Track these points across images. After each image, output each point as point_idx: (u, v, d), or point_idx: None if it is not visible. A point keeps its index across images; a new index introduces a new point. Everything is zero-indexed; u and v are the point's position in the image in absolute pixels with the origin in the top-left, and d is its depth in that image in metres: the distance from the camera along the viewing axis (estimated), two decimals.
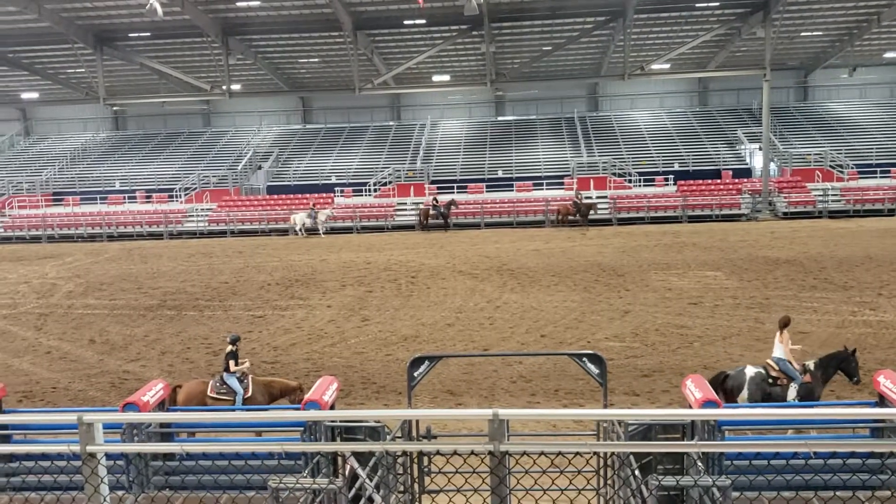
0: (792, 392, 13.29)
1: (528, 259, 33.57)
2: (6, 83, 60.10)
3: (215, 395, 13.84)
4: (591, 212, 45.83)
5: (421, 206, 48.10)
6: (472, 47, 51.94)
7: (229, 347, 14.24)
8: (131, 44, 49.77)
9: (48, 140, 67.98)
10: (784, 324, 14.01)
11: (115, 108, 67.72)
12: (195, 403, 13.66)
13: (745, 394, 13.27)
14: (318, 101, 67.76)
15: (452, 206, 47.36)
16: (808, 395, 13.34)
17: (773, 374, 13.45)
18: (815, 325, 20.70)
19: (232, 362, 14.09)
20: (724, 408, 10.83)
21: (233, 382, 13.96)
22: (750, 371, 13.45)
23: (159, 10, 37.28)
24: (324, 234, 47.07)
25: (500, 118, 65.57)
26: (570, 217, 45.58)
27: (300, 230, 47.11)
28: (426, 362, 10.63)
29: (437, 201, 47.66)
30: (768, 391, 13.29)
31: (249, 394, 13.97)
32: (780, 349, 13.71)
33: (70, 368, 19.41)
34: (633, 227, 44.67)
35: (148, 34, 47.93)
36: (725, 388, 13.45)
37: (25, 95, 60.93)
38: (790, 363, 13.49)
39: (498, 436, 4.32)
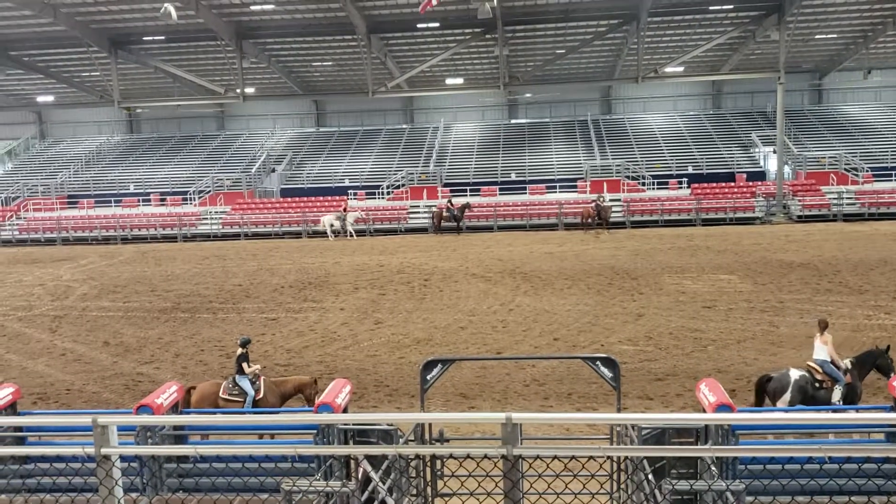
0: (836, 394, 13.25)
1: (541, 262, 33.53)
2: (22, 87, 60.49)
3: (227, 397, 14.09)
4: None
5: (435, 209, 48.02)
6: (486, 50, 51.94)
7: (240, 350, 14.48)
8: (146, 47, 49.99)
9: (63, 143, 68.33)
10: (825, 326, 14.04)
11: (129, 112, 67.97)
12: (207, 405, 13.93)
13: (787, 397, 13.14)
14: (332, 105, 67.90)
15: (467, 209, 46.97)
16: (851, 395, 13.32)
17: (819, 377, 13.35)
18: (830, 328, 20.57)
19: (245, 364, 14.32)
20: (738, 412, 10.78)
21: (245, 384, 14.19)
22: (794, 374, 13.35)
23: (173, 13, 37.44)
24: (351, 237, 46.36)
25: (513, 121, 65.56)
26: (591, 220, 44.91)
27: (331, 233, 46.50)
28: (439, 365, 10.63)
29: (451, 204, 47.21)
30: (812, 394, 13.18)
31: (261, 395, 14.18)
32: (822, 351, 13.63)
33: (84, 370, 19.49)
34: (647, 230, 44.54)
35: (162, 38, 48.15)
36: (767, 391, 13.39)
37: (41, 99, 61.31)
38: (834, 365, 13.44)
39: (511, 440, 4.32)
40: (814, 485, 6.56)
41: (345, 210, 47.60)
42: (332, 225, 46.45)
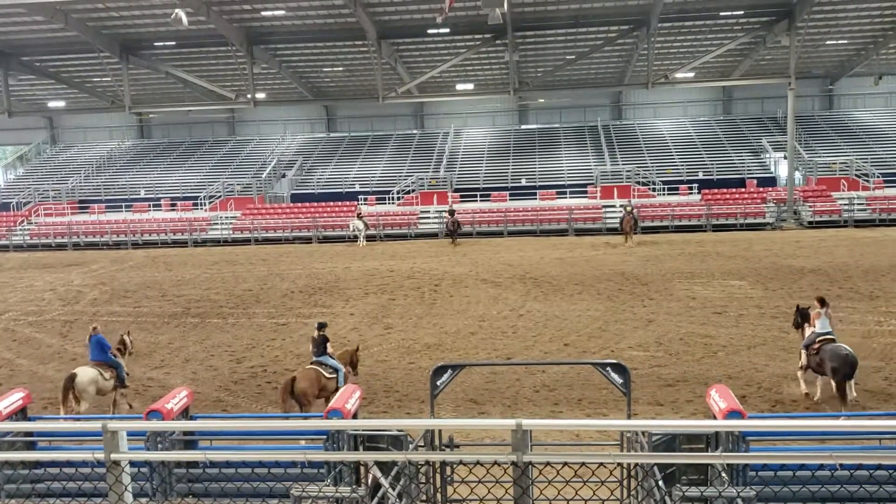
0: None
1: (551, 267, 33.50)
2: (33, 92, 60.78)
3: (328, 375, 15.45)
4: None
5: (446, 216, 47.58)
6: (496, 56, 51.93)
7: (319, 333, 16.07)
8: (157, 53, 50.17)
9: (74, 148, 68.61)
10: (825, 302, 15.93)
11: (140, 117, 68.22)
12: (316, 388, 15.11)
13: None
14: (342, 110, 68.00)
15: (453, 216, 45.04)
16: None
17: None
18: (841, 334, 20.46)
19: (329, 345, 15.98)
20: (748, 418, 10.74)
21: (332, 362, 15.79)
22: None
23: (184, 19, 37.55)
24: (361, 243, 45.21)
25: (523, 126, 65.55)
26: (630, 229, 40.68)
27: (362, 238, 45.50)
28: (449, 371, 10.61)
29: (450, 216, 45.27)
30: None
31: (343, 369, 16.01)
32: (827, 323, 15.63)
33: None
34: (657, 235, 44.43)
35: (173, 43, 48.32)
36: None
37: (52, 104, 61.62)
38: None
39: (521, 446, 4.31)
40: (825, 492, 6.54)
41: (359, 216, 46.61)
42: (358, 230, 45.37)
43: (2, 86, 50.01)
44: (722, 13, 45.27)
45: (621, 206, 45.12)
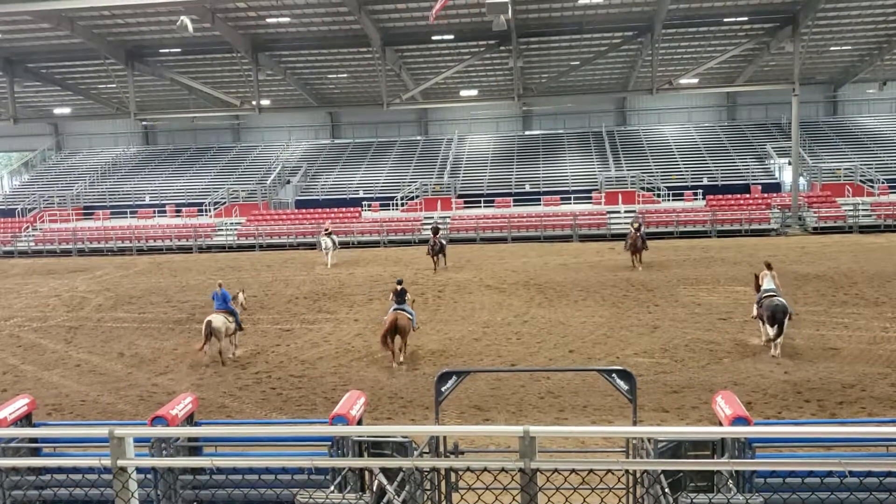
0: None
1: (555, 273, 33.47)
2: (39, 99, 60.90)
3: (409, 317, 20.22)
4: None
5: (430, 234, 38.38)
6: (500, 62, 51.97)
7: (400, 287, 20.88)
8: (162, 59, 50.25)
9: (79, 155, 68.78)
10: (770, 265, 21.43)
11: (145, 123, 68.36)
12: (410, 328, 20.26)
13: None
14: (347, 116, 68.10)
15: (437, 234, 37.12)
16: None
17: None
18: (847, 341, 20.47)
19: (409, 296, 21.03)
20: (755, 424, 10.71)
21: (409, 308, 20.53)
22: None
23: (190, 26, 37.61)
24: (334, 264, 39.32)
25: (527, 132, 65.62)
26: (638, 247, 34.32)
27: (329, 258, 39.54)
28: (453, 377, 10.58)
29: (436, 233, 37.23)
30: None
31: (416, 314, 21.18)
32: (772, 282, 20.58)
33: (99, 381, 19.54)
34: (662, 241, 44.36)
35: (178, 50, 48.41)
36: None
37: (58, 111, 61.73)
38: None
39: (529, 453, 4.30)
40: (834, 499, 6.51)
41: (328, 233, 40.41)
42: (327, 248, 39.34)
43: (7, 92, 50.11)
44: (726, 19, 45.24)
45: (630, 223, 38.08)
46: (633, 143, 60.94)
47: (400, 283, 21.25)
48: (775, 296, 19.75)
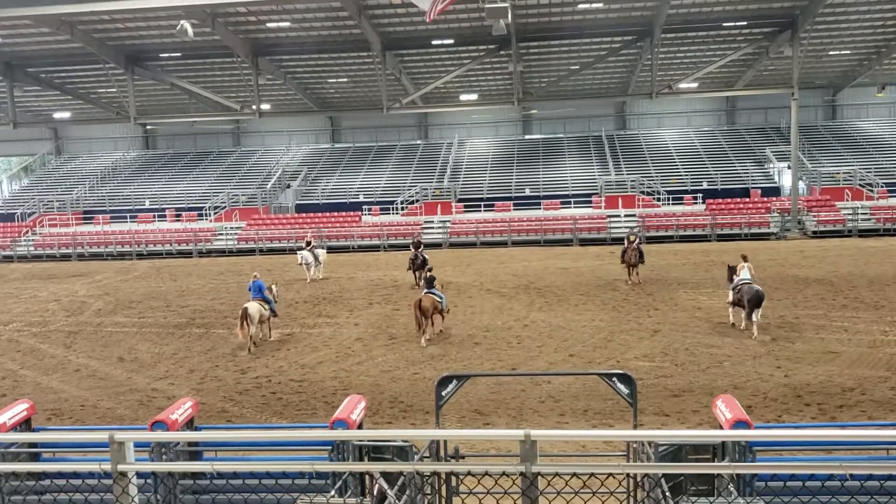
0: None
1: (555, 277, 33.46)
2: (39, 103, 61.00)
3: (437, 300, 22.60)
4: None
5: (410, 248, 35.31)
6: (500, 66, 52.04)
7: (430, 273, 24.58)
8: (162, 64, 50.32)
9: (79, 159, 68.80)
10: (746, 258, 23.94)
11: (145, 128, 68.39)
12: (436, 309, 22.67)
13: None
14: (347, 121, 68.14)
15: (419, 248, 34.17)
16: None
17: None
18: (846, 344, 20.45)
19: (437, 281, 23.87)
20: (755, 428, 10.70)
21: (438, 292, 23.06)
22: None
23: (190, 31, 37.66)
24: (314, 278, 36.67)
25: (527, 136, 65.66)
26: (635, 262, 31.87)
27: (310, 273, 36.74)
28: (454, 381, 10.57)
29: (417, 247, 34.22)
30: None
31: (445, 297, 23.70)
32: (748, 273, 22.78)
33: (99, 386, 19.50)
34: (662, 245, 44.38)
35: (178, 54, 48.48)
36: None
37: (57, 115, 61.79)
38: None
39: (530, 457, 4.30)
40: (835, 503, 6.50)
41: (308, 245, 37.57)
42: (307, 262, 36.53)
43: (7, 97, 50.16)
44: (725, 24, 45.34)
45: (627, 236, 33.95)
46: (633, 148, 60.97)
47: (430, 270, 26.00)
48: (753, 284, 22.16)
